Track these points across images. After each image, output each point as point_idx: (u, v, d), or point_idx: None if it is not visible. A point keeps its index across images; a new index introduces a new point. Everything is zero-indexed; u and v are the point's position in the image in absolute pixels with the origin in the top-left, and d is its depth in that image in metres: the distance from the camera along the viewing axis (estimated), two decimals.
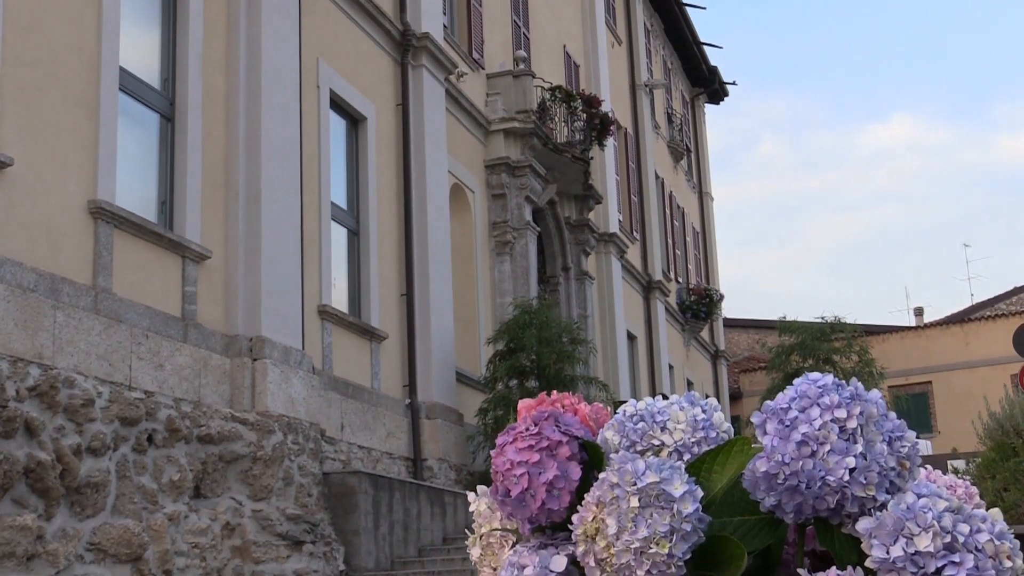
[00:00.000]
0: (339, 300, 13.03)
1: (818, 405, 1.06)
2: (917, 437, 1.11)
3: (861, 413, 1.06)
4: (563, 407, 1.19)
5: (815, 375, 1.10)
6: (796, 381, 1.11)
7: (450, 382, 14.92)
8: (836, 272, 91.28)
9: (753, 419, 1.09)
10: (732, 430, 1.17)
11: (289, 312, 11.10)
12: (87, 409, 8.25)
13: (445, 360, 14.81)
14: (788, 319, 25.68)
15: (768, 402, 1.11)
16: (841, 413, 1.06)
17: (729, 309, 45.27)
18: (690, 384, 30.59)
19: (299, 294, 11.39)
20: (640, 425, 1.14)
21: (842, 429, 1.05)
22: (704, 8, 33.92)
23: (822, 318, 23.91)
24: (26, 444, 7.67)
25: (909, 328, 38.29)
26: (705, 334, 33.24)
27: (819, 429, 1.05)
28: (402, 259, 14.47)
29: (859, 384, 1.09)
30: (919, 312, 41.72)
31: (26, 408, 7.72)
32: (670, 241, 30.42)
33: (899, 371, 33.49)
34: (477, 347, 16.48)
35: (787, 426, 1.06)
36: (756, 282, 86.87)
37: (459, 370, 15.43)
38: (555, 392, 1.22)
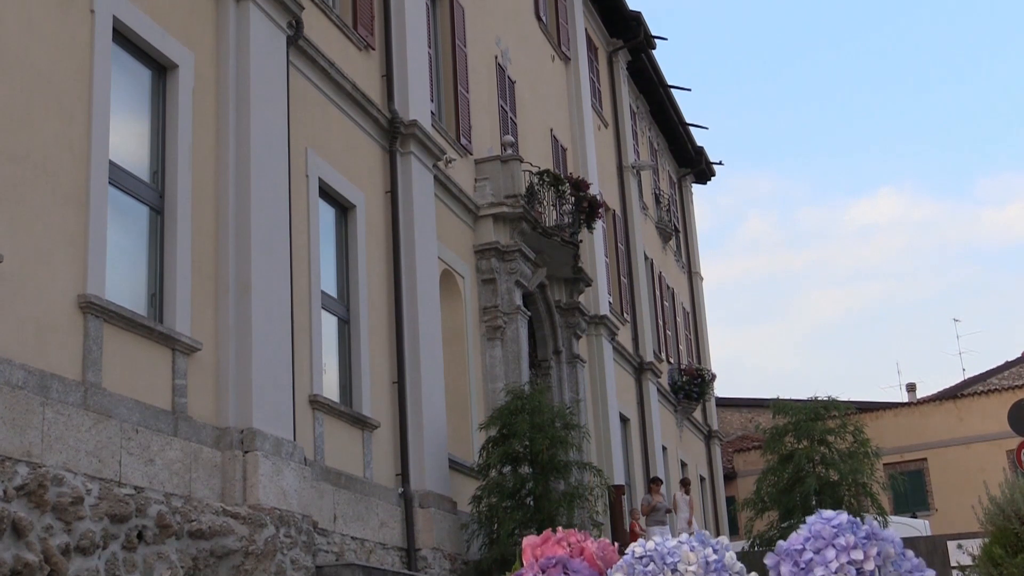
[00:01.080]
0: (330, 389, 12.96)
1: (833, 546, 1.02)
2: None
3: (878, 554, 1.02)
4: (569, 545, 1.15)
5: (828, 513, 1.06)
6: (809, 520, 1.07)
7: (443, 470, 14.80)
8: (826, 348, 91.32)
9: (766, 561, 1.05)
10: (744, 570, 1.13)
11: (280, 403, 11.02)
12: (76, 507, 8.14)
13: (438, 447, 14.70)
14: (781, 398, 25.56)
15: (781, 542, 1.08)
16: (858, 555, 1.02)
17: (721, 388, 45.15)
18: (684, 465, 30.38)
19: (290, 384, 11.32)
20: (650, 567, 1.10)
21: (859, 571, 1.02)
22: (689, 90, 34.37)
23: (815, 397, 23.83)
24: (13, 545, 7.55)
25: (903, 405, 38.23)
26: (698, 414, 33.12)
27: (836, 572, 1.01)
28: (393, 347, 14.42)
29: (874, 523, 1.05)
30: (911, 388, 41.70)
31: (14, 508, 7.62)
32: (661, 322, 30.42)
33: (894, 448, 33.35)
34: (470, 433, 16.37)
35: (802, 569, 1.02)
36: (747, 359, 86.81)
37: (452, 457, 15.30)
38: (560, 529, 1.18)
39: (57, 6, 9.21)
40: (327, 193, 13.42)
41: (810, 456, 18.17)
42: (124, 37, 10.09)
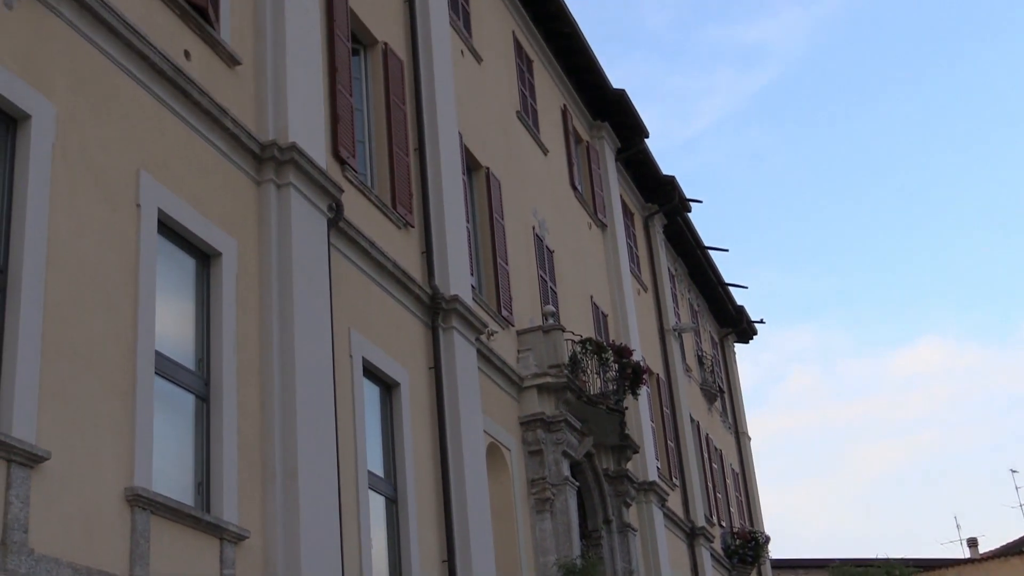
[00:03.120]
0: (380, 570, 12.72)
1: None
2: None
3: None
4: None
5: None
6: None
7: None
8: (880, 502, 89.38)
9: None
10: None
11: None
12: None
13: None
14: (838, 559, 25.02)
15: None
16: None
17: (776, 549, 44.13)
18: None
19: (339, 568, 11.12)
20: None
21: None
22: (727, 250, 34.43)
23: (873, 556, 23.25)
24: None
25: (966, 561, 37.12)
26: None
27: None
28: (442, 524, 14.20)
29: None
30: (973, 543, 40.56)
31: None
32: (710, 484, 29.94)
33: None
34: None
35: None
36: (800, 518, 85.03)
37: None
38: None
39: (104, 201, 9.39)
40: (371, 372, 13.41)
41: None
42: (169, 228, 10.26)
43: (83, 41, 9.54)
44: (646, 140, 27.43)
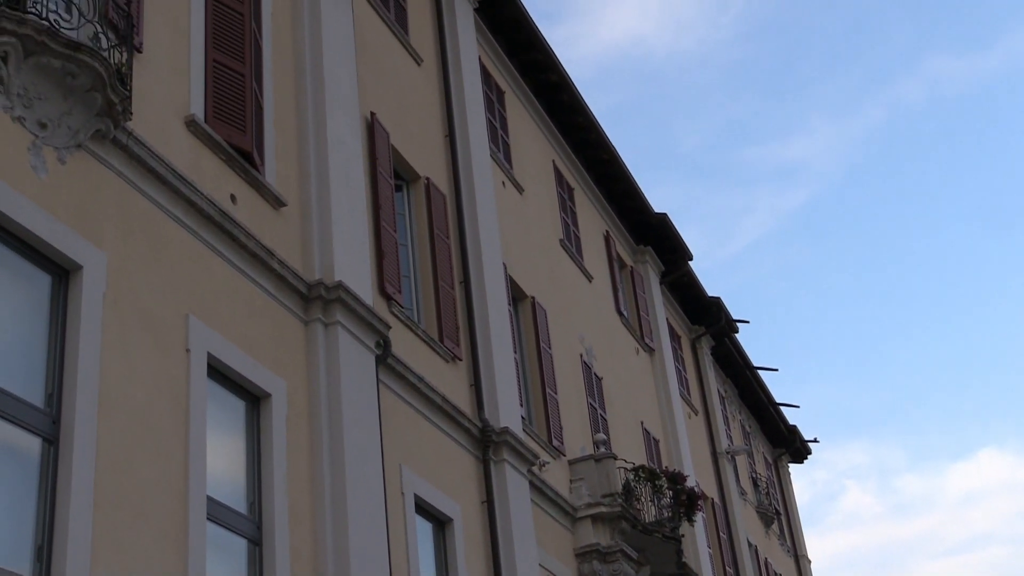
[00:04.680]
0: None
1: None
2: None
3: None
4: None
5: None
6: None
7: None
8: None
9: None
10: None
11: None
12: None
13: None
14: None
15: None
16: None
17: None
18: None
19: None
20: None
21: None
22: (776, 370, 34.12)
23: None
24: None
25: None
26: None
27: None
28: None
29: None
30: None
31: None
32: None
33: None
34: None
35: None
36: None
37: None
38: None
39: (154, 347, 9.43)
40: (423, 508, 13.26)
41: None
42: (218, 371, 10.27)
43: (132, 190, 9.70)
44: (690, 262, 27.46)
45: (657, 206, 32.20)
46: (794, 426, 35.97)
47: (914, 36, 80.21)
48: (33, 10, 8.67)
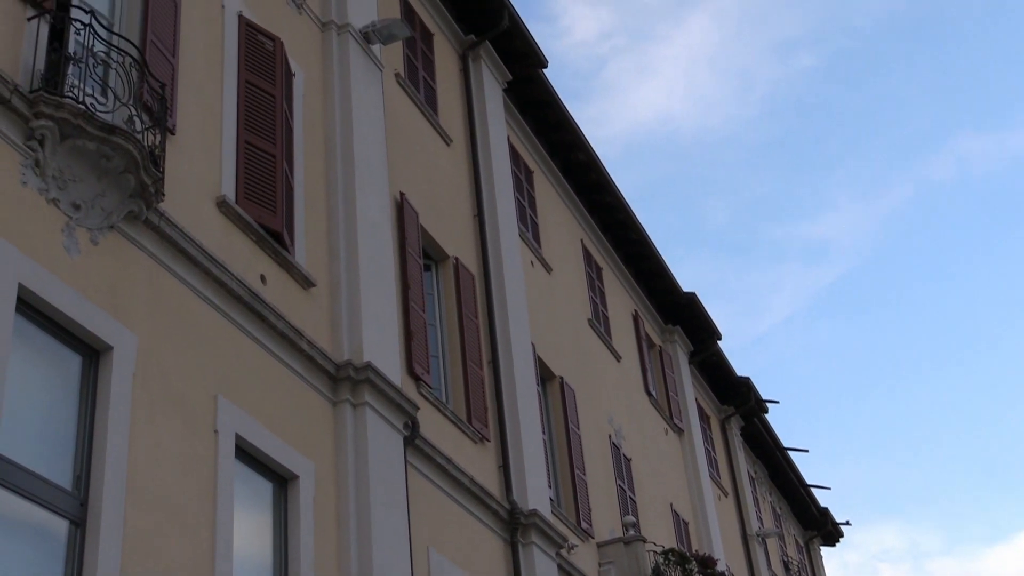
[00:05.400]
0: None
1: None
2: None
3: None
4: None
5: None
6: None
7: None
8: None
9: None
10: None
11: None
12: None
13: None
14: None
15: None
16: None
17: None
18: None
19: None
20: None
21: None
22: (807, 451, 33.79)
23: None
24: None
25: None
26: None
27: None
28: None
29: None
30: None
31: None
32: None
33: None
34: None
35: None
36: None
37: None
38: None
39: (182, 428, 9.40)
40: None
41: None
42: (246, 452, 10.22)
43: (163, 270, 9.73)
44: (718, 342, 27.33)
45: (685, 284, 32.21)
46: (826, 508, 35.51)
47: (940, 114, 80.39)
48: (70, 94, 8.78)
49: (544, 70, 19.97)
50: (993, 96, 78.65)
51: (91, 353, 8.80)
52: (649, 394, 23.59)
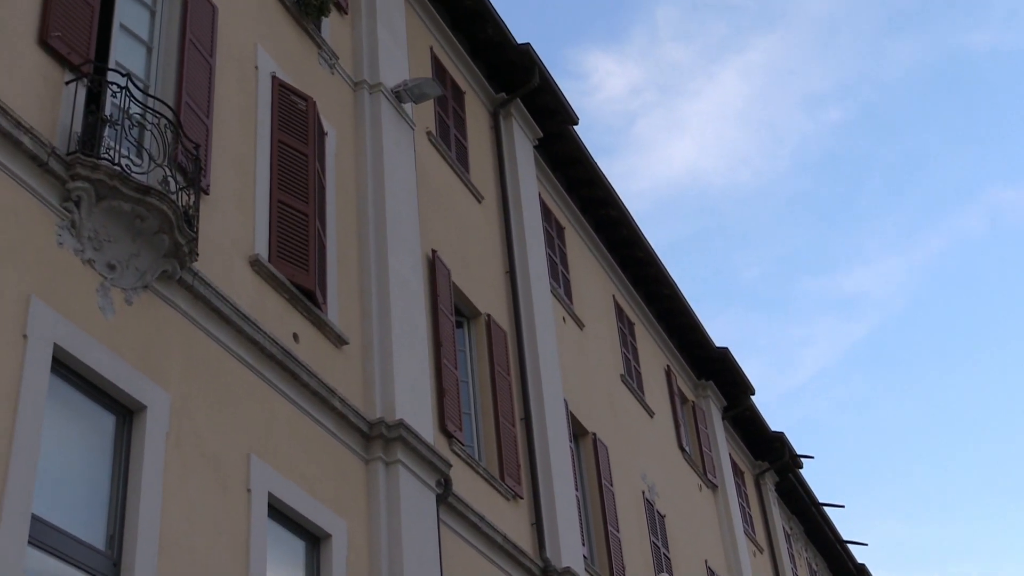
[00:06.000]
0: None
1: None
2: None
3: None
4: None
5: None
6: None
7: None
8: None
9: None
10: None
11: None
12: None
13: None
14: None
15: None
16: None
17: None
18: None
19: None
20: None
21: None
22: (843, 506, 33.44)
23: None
24: None
25: None
26: None
27: None
28: None
29: None
30: None
31: None
32: None
33: None
34: None
35: None
36: None
37: None
38: None
39: (215, 487, 9.40)
40: None
41: None
42: (279, 512, 10.20)
43: (196, 330, 9.78)
44: (752, 396, 27.15)
45: (717, 338, 32.08)
46: (863, 565, 35.04)
47: (972, 166, 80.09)
48: (106, 156, 8.88)
49: (575, 127, 20.06)
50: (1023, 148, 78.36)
51: (125, 412, 8.83)
52: (683, 450, 23.42)
